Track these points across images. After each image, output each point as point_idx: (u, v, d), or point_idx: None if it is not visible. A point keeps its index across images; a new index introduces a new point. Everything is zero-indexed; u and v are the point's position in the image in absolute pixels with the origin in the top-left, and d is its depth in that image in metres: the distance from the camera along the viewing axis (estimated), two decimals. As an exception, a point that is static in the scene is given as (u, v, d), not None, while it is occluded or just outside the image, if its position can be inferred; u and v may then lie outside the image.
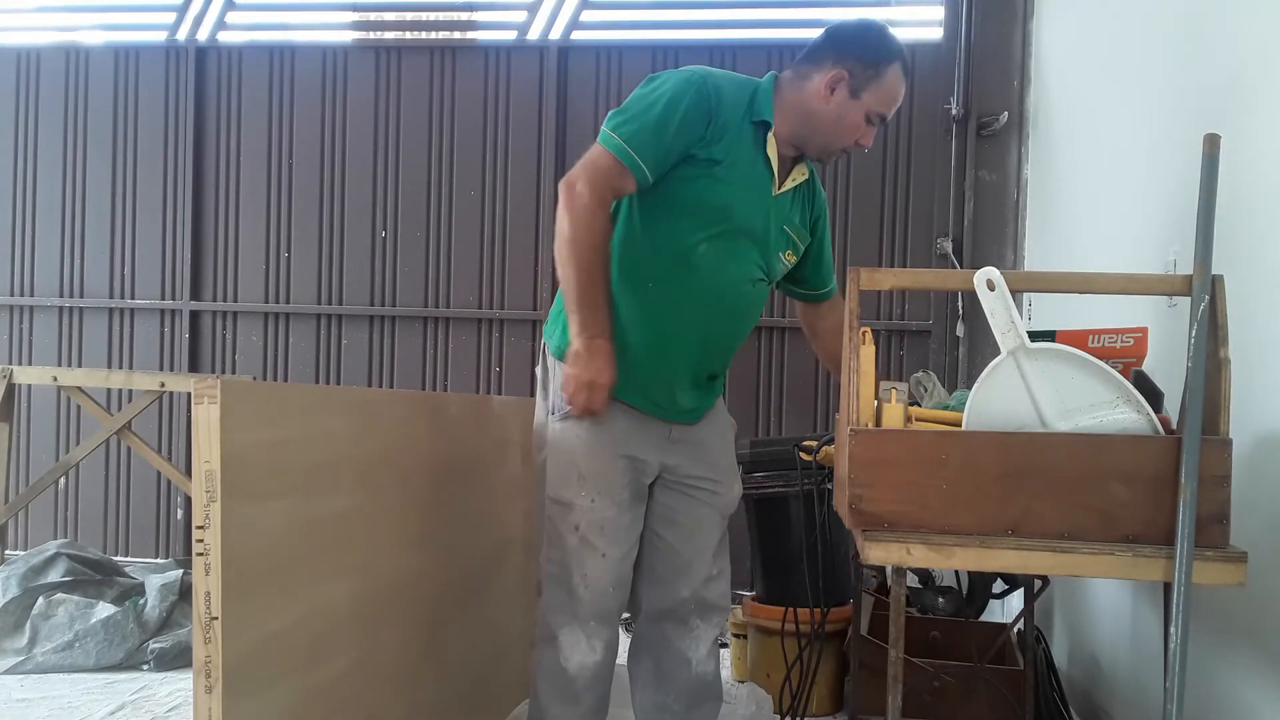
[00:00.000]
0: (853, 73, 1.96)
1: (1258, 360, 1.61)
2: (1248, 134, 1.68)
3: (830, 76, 1.97)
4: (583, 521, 1.98)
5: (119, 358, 4.59)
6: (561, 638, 2.02)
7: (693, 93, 1.93)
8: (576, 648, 2.01)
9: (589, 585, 1.99)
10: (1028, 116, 3.95)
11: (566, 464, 2.00)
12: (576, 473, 1.98)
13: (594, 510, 1.98)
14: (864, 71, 1.97)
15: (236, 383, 1.43)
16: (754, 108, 1.99)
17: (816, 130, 2.01)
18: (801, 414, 4.21)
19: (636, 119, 1.92)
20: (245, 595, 1.42)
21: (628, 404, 2.01)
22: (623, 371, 1.96)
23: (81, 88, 4.62)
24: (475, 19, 4.45)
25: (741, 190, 1.98)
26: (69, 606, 3.21)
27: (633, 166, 1.90)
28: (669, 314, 2.00)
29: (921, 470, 1.53)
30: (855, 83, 1.96)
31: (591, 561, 1.99)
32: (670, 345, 2.01)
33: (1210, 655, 1.75)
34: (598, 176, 1.90)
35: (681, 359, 2.04)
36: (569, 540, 2.00)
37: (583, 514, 1.98)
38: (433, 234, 4.43)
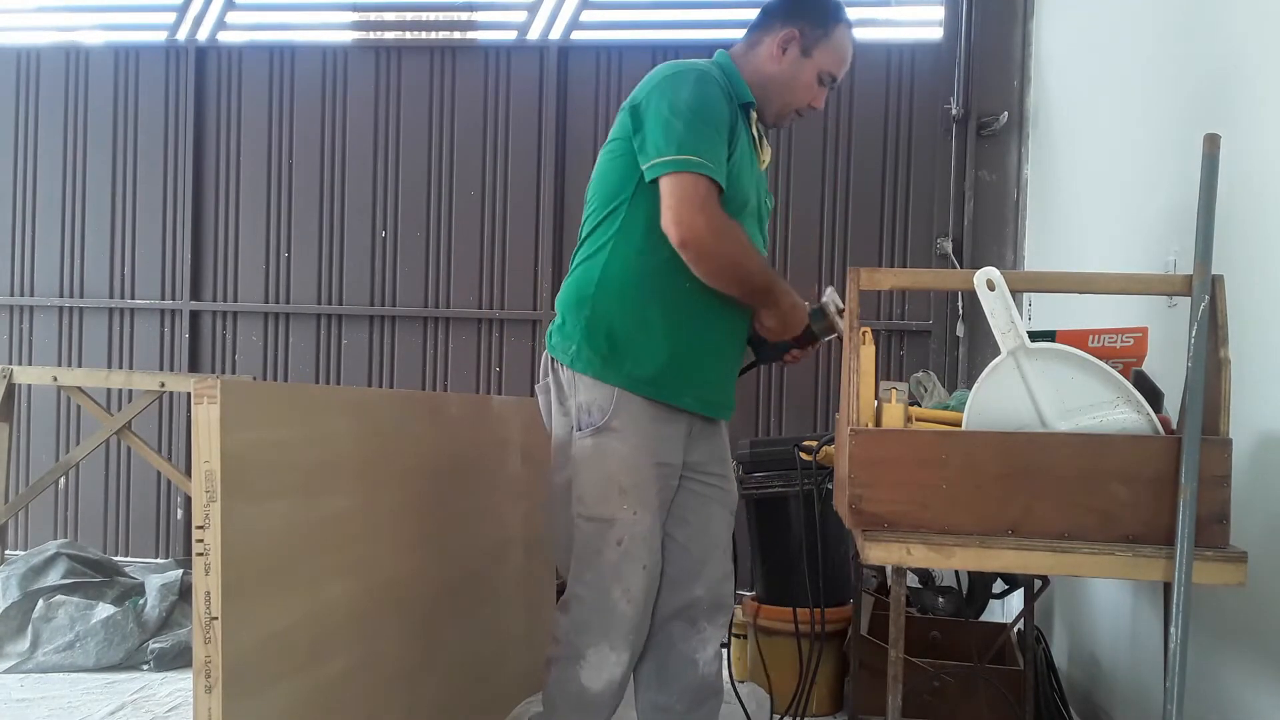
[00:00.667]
0: (804, 32, 2.00)
1: (1258, 360, 1.61)
2: (1248, 134, 1.68)
3: (781, 37, 2.00)
4: (626, 535, 1.94)
5: (119, 358, 4.59)
6: (589, 657, 1.96)
7: (716, 88, 1.92)
8: (604, 666, 1.96)
9: (631, 599, 1.95)
10: (1028, 116, 3.95)
11: (604, 479, 1.94)
12: (618, 487, 1.93)
13: (637, 523, 1.94)
14: (814, 31, 2.00)
15: (236, 383, 1.43)
16: (737, 91, 2.00)
17: (772, 93, 2.03)
18: (801, 414, 4.21)
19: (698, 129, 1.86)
20: (245, 595, 1.42)
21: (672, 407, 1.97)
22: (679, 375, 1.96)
23: (81, 88, 4.62)
24: (475, 19, 4.45)
25: (748, 173, 2.00)
26: (69, 608, 3.21)
27: (715, 174, 1.86)
28: (715, 309, 1.98)
29: (921, 470, 1.53)
30: (806, 41, 2.00)
31: (634, 575, 1.95)
32: (722, 339, 2.02)
33: (1210, 655, 1.75)
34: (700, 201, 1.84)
35: (732, 351, 2.06)
36: (609, 556, 1.94)
37: (626, 528, 1.94)
38: (433, 234, 4.43)
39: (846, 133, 4.17)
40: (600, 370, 1.94)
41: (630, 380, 1.93)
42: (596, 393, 1.94)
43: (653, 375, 1.94)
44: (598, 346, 1.94)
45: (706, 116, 1.87)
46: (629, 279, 1.94)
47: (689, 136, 1.84)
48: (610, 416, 1.92)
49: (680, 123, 1.85)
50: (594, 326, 1.95)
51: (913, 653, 2.29)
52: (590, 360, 1.94)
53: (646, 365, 1.94)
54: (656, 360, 1.94)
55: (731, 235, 1.89)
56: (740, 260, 1.91)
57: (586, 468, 1.95)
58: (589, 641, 1.96)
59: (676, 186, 1.84)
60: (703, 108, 1.87)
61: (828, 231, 4.18)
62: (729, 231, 1.88)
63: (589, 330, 1.95)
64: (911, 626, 2.55)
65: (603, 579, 1.95)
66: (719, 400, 2.08)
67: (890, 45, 4.16)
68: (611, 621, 1.95)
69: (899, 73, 4.15)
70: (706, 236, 1.84)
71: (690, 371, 1.98)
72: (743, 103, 1.99)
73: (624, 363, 1.93)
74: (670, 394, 1.96)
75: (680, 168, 1.83)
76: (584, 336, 1.95)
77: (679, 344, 1.96)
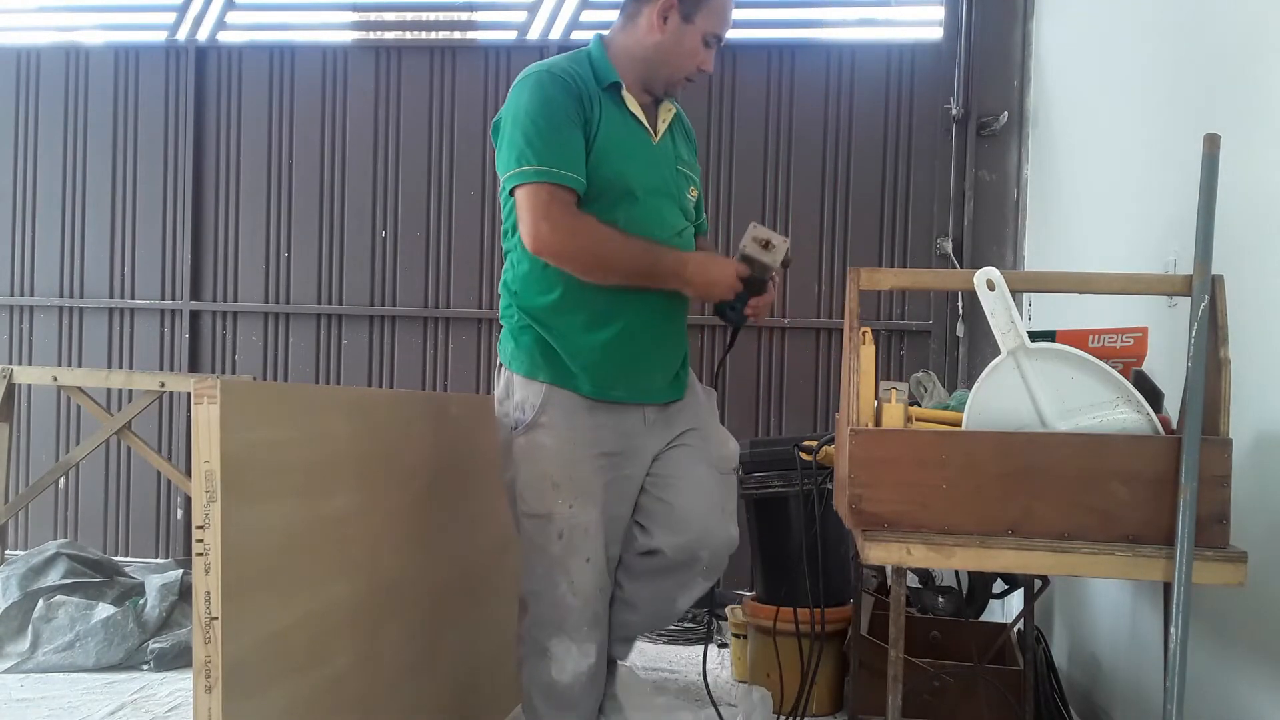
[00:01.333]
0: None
1: (1258, 360, 1.61)
2: (1248, 134, 1.68)
3: (660, 6, 1.99)
4: (565, 528, 1.98)
5: (119, 358, 4.59)
6: (553, 649, 2.01)
7: (554, 89, 1.92)
8: (569, 657, 2.01)
9: (577, 592, 1.99)
10: (1028, 116, 3.95)
11: (538, 475, 1.99)
12: (550, 482, 1.98)
13: (575, 515, 1.98)
14: None
15: (236, 383, 1.43)
16: (598, 75, 1.99)
17: (658, 64, 2.03)
18: (801, 414, 4.20)
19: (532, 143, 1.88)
20: (245, 595, 1.42)
21: (606, 401, 2.00)
22: (598, 370, 1.98)
23: (81, 88, 4.61)
24: (475, 19, 4.45)
25: (627, 154, 1.99)
26: (69, 608, 3.21)
27: (557, 177, 1.88)
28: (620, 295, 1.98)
29: (921, 470, 1.53)
30: (686, 8, 1.99)
31: (577, 568, 1.99)
32: (635, 323, 2.01)
33: (1210, 655, 1.75)
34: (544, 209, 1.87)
35: (648, 333, 2.04)
36: (552, 550, 1.98)
37: (564, 521, 1.98)
38: (433, 234, 4.43)
39: (846, 133, 4.17)
40: (529, 368, 1.99)
41: (557, 376, 1.98)
42: (528, 390, 1.99)
43: (579, 371, 1.98)
44: (525, 345, 2.01)
45: (547, 119, 1.89)
46: (540, 281, 2.00)
47: (527, 146, 1.88)
48: (539, 413, 1.97)
49: (519, 133, 1.90)
50: (520, 327, 2.02)
51: (913, 653, 2.29)
52: (520, 359, 2.01)
53: (572, 362, 1.98)
54: (580, 357, 1.98)
55: (583, 232, 1.90)
56: (599, 252, 1.92)
57: (523, 466, 2.00)
58: (548, 635, 2.01)
59: (523, 199, 1.90)
60: (539, 112, 1.89)
61: (828, 231, 4.18)
62: (579, 230, 1.90)
63: (517, 331, 2.02)
64: (911, 626, 2.55)
65: (550, 573, 1.99)
66: (658, 386, 2.08)
67: (890, 45, 4.16)
68: (564, 615, 2.00)
69: (899, 73, 4.15)
70: (553, 240, 1.88)
71: (618, 363, 2.00)
72: (607, 85, 1.99)
73: (551, 360, 1.98)
74: (600, 388, 1.99)
75: (522, 179, 1.89)
76: (514, 338, 2.03)
77: (600, 337, 1.99)
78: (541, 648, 2.02)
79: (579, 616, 2.00)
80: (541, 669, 2.03)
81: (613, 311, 1.99)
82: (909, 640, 1.91)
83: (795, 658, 2.61)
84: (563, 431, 1.98)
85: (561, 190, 1.89)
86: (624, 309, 2.00)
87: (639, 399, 2.05)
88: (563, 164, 1.89)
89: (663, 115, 2.09)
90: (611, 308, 1.99)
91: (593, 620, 2.02)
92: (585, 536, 1.99)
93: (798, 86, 4.17)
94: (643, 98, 2.06)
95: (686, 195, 2.12)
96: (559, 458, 1.98)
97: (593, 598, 2.01)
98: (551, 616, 2.01)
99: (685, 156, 2.14)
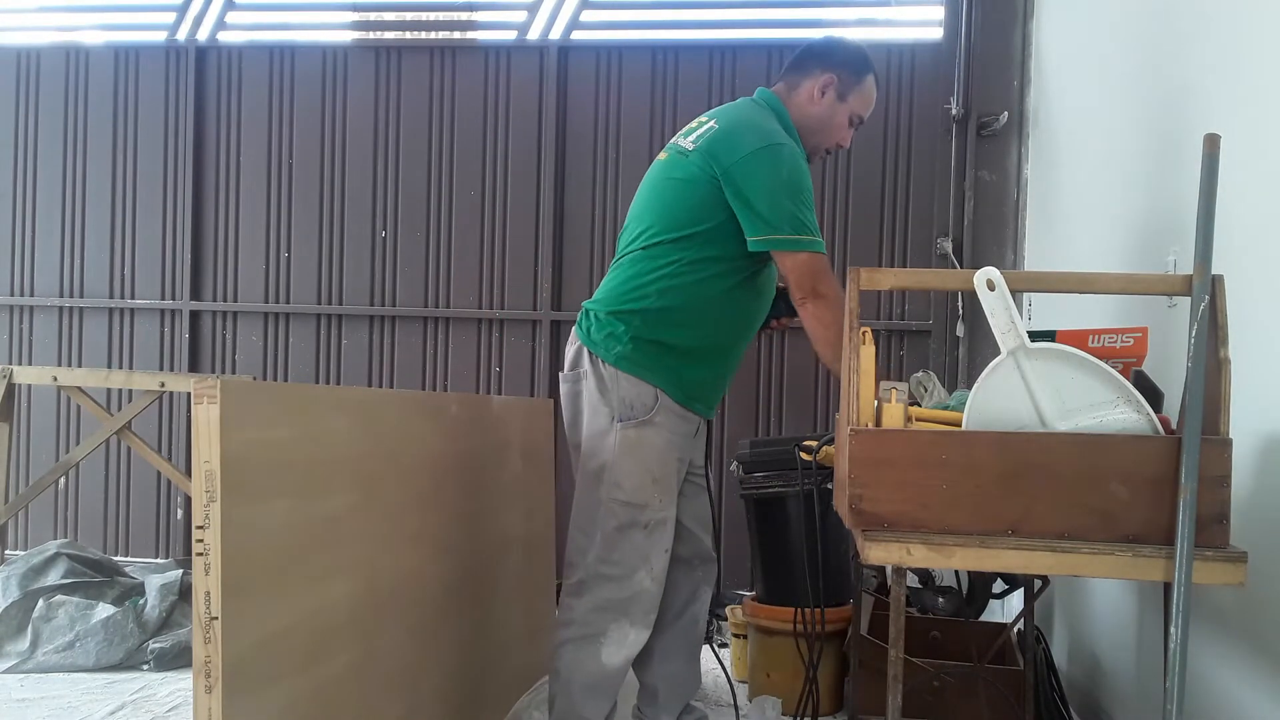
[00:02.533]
0: (841, 78, 2.23)
1: (1258, 360, 1.61)
2: (1248, 133, 1.68)
3: (821, 81, 2.23)
4: (653, 520, 2.16)
5: (119, 358, 4.59)
6: (610, 634, 2.14)
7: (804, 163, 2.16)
8: (624, 643, 2.16)
9: (655, 577, 2.18)
10: (1028, 116, 3.95)
11: (641, 469, 2.16)
12: (651, 476, 2.16)
13: (662, 509, 2.18)
14: (850, 77, 2.24)
15: (236, 383, 1.43)
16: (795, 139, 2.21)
17: (809, 133, 2.26)
18: (801, 414, 4.20)
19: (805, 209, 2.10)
20: (245, 595, 1.42)
21: (690, 411, 2.22)
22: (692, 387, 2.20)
23: (81, 88, 4.61)
24: (475, 19, 4.45)
25: None
26: (69, 608, 3.21)
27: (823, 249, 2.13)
28: (745, 336, 2.29)
29: (921, 470, 1.53)
30: (843, 87, 2.23)
31: (657, 556, 2.18)
32: (729, 355, 2.28)
33: (1210, 655, 1.75)
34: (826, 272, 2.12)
35: (734, 364, 2.32)
36: (636, 538, 2.15)
37: (654, 513, 2.17)
38: (433, 234, 4.43)
39: (846, 133, 4.17)
40: (645, 372, 2.15)
41: (671, 386, 2.16)
42: (640, 389, 2.15)
43: (692, 387, 2.20)
44: (646, 351, 2.16)
45: (806, 195, 2.11)
46: (690, 304, 2.16)
47: (800, 215, 2.08)
48: (653, 412, 2.15)
49: (788, 201, 2.08)
50: (645, 335, 2.16)
51: (913, 653, 2.29)
52: (636, 361, 2.15)
53: (690, 378, 2.19)
54: (699, 376, 2.20)
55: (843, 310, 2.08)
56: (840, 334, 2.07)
57: (625, 456, 2.15)
58: (610, 620, 2.15)
59: (802, 262, 2.10)
60: (804, 186, 2.11)
61: (828, 232, 4.18)
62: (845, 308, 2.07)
63: (640, 337, 2.15)
64: (911, 626, 2.55)
65: (630, 559, 2.15)
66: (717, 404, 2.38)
67: (890, 45, 4.16)
68: (636, 599, 2.16)
69: (899, 73, 4.15)
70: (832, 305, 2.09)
71: (717, 386, 2.29)
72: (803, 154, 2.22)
73: (670, 371, 2.16)
74: (699, 403, 2.23)
75: (800, 247, 2.09)
76: (632, 341, 2.15)
77: (717, 364, 2.24)
78: (597, 631, 2.15)
79: (650, 601, 2.18)
80: (589, 653, 2.14)
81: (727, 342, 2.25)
82: (909, 640, 1.91)
83: (795, 658, 2.61)
84: (666, 434, 2.17)
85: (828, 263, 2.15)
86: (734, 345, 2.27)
87: (707, 415, 2.32)
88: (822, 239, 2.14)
89: None
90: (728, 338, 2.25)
91: (656, 606, 2.21)
92: (665, 529, 2.19)
93: (798, 86, 4.16)
94: None
95: None
96: (661, 456, 2.17)
97: (663, 585, 2.21)
98: (620, 600, 2.15)
99: None
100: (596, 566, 2.16)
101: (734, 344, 2.28)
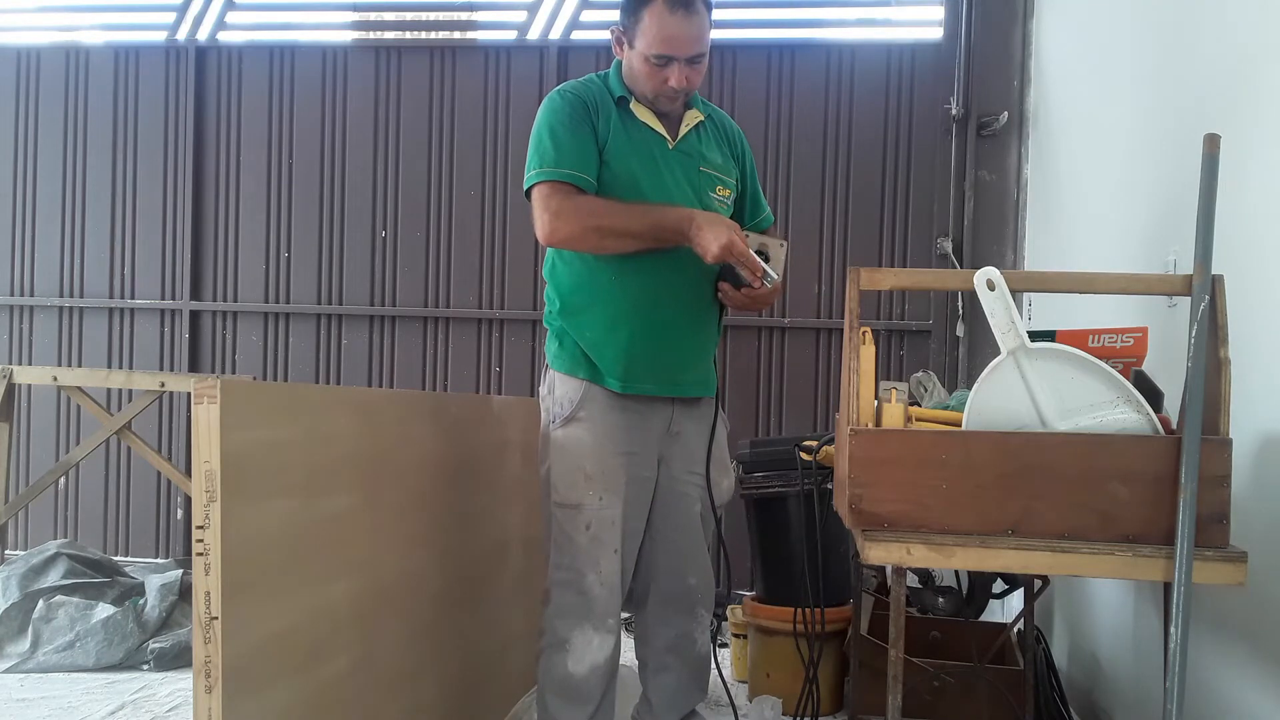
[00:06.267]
0: (624, 27, 2.15)
1: (1258, 360, 1.61)
2: (1248, 133, 1.68)
3: (614, 36, 2.19)
4: (594, 520, 2.08)
5: (119, 358, 4.59)
6: (574, 640, 2.09)
7: (562, 103, 2.12)
8: (588, 649, 2.09)
9: (604, 582, 2.09)
10: (1028, 116, 3.95)
11: (572, 467, 2.09)
12: (583, 474, 2.08)
13: (604, 508, 2.09)
14: (627, 21, 2.14)
15: (236, 383, 1.43)
16: (610, 90, 2.16)
17: (631, 82, 2.17)
18: (801, 414, 4.20)
19: (542, 151, 2.06)
20: (245, 595, 1.42)
21: (634, 396, 2.11)
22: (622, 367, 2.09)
23: (81, 88, 4.61)
24: (475, 19, 4.45)
25: (636, 157, 2.12)
26: (69, 608, 3.21)
27: (570, 178, 2.03)
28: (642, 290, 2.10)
29: (921, 470, 1.53)
30: (627, 36, 2.15)
31: (605, 558, 2.09)
32: (655, 315, 2.11)
33: (1210, 655, 1.75)
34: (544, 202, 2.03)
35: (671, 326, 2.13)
36: (579, 541, 2.08)
37: (593, 513, 2.08)
38: (433, 234, 4.43)
39: (846, 133, 4.17)
40: (570, 366, 2.12)
41: (595, 374, 2.10)
42: (568, 385, 2.11)
43: (613, 368, 2.10)
44: (568, 345, 2.13)
45: (550, 128, 2.07)
46: (576, 282, 2.14)
47: (536, 154, 2.06)
48: (577, 407, 2.09)
49: (532, 145, 2.10)
50: (567, 329, 2.14)
51: (913, 653, 2.29)
52: (564, 358, 2.13)
53: (608, 359, 2.10)
54: (615, 353, 2.09)
55: (582, 209, 2.03)
56: (600, 223, 2.03)
57: (558, 457, 2.11)
58: (570, 626, 2.09)
59: (534, 200, 2.06)
60: (551, 122, 2.08)
61: (828, 231, 4.18)
62: (579, 208, 2.03)
63: (564, 333, 2.14)
64: (911, 626, 2.55)
65: (577, 564, 2.09)
66: (690, 378, 2.18)
67: (890, 45, 4.16)
68: (589, 605, 2.09)
69: (899, 73, 4.15)
70: (556, 225, 2.01)
71: (650, 357, 2.11)
72: (616, 98, 2.15)
73: (588, 358, 2.11)
74: (633, 384, 2.10)
75: (532, 181, 2.06)
76: (557, 339, 2.16)
77: (633, 332, 2.10)
78: (561, 639, 2.10)
79: (605, 606, 2.09)
80: (557, 662, 2.10)
81: (633, 306, 2.09)
82: (909, 640, 1.91)
83: (795, 658, 2.61)
84: (598, 427, 2.09)
85: (564, 185, 2.03)
86: (644, 302, 2.09)
87: (669, 392, 2.15)
88: (566, 164, 2.04)
89: (687, 120, 2.20)
90: (631, 302, 2.09)
91: (613, 611, 2.12)
92: (611, 529, 2.09)
93: (798, 86, 4.17)
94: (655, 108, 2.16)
95: (710, 194, 2.19)
96: (593, 451, 2.08)
97: (617, 588, 2.12)
98: (576, 606, 2.09)
99: (713, 158, 2.22)
100: (553, 573, 2.13)
101: (651, 308, 2.09)
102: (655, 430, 2.16)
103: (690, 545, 2.24)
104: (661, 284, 2.10)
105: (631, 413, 2.11)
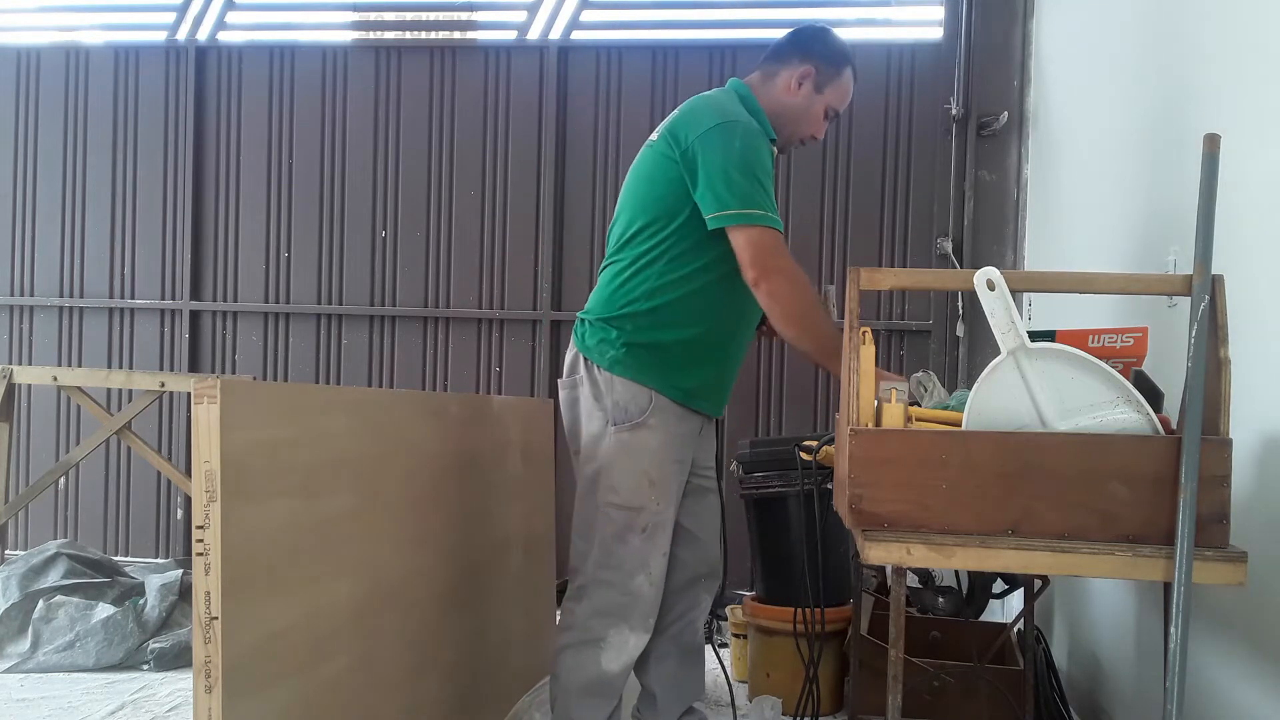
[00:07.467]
0: (819, 70, 2.20)
1: (1258, 360, 1.61)
2: (1248, 133, 1.68)
3: (799, 72, 2.21)
4: (650, 523, 2.13)
5: (119, 358, 4.59)
6: (610, 638, 2.12)
7: (763, 140, 2.09)
8: (624, 649, 2.13)
9: (653, 581, 2.15)
10: (1028, 116, 3.95)
11: (637, 471, 2.12)
12: (648, 479, 2.12)
13: (660, 512, 2.14)
14: (828, 70, 2.21)
15: (236, 383, 1.43)
16: (764, 128, 2.16)
17: (784, 123, 2.23)
18: (801, 414, 4.20)
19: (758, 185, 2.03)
20: (245, 595, 1.42)
21: (692, 410, 2.18)
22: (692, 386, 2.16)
23: (81, 88, 4.62)
24: (475, 19, 4.45)
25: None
26: (69, 608, 3.21)
27: (779, 224, 2.06)
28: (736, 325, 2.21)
29: (921, 470, 1.53)
30: (820, 79, 2.21)
31: (655, 560, 2.14)
32: (727, 349, 2.22)
33: (1210, 655, 1.75)
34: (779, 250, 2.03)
35: (739, 359, 2.28)
36: (633, 542, 2.12)
37: (651, 516, 2.13)
38: (433, 234, 4.43)
39: (846, 133, 4.17)
40: (638, 374, 2.12)
41: (666, 387, 2.13)
42: (634, 392, 2.12)
43: (690, 387, 2.16)
44: (640, 354, 2.12)
45: (765, 173, 2.05)
46: (678, 303, 2.12)
47: (751, 191, 2.01)
48: (647, 415, 2.12)
49: (740, 176, 2.01)
50: (638, 339, 2.13)
51: (913, 653, 2.29)
52: (630, 365, 2.12)
53: (685, 378, 2.15)
54: (695, 375, 2.16)
55: (803, 283, 2.06)
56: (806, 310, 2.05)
57: (622, 459, 2.13)
58: (610, 624, 2.12)
59: (757, 238, 2.02)
60: (758, 162, 2.05)
61: (828, 231, 4.18)
62: (803, 280, 2.05)
63: (633, 342, 2.12)
64: (911, 626, 2.55)
65: (628, 564, 2.12)
66: (724, 401, 2.32)
67: (890, 45, 4.16)
68: (634, 604, 2.13)
69: (899, 73, 4.15)
70: (782, 279, 2.02)
71: (719, 383, 2.23)
72: (770, 139, 2.17)
73: (663, 372, 2.12)
74: (699, 402, 2.19)
75: (750, 221, 2.01)
76: (625, 346, 2.13)
77: (716, 360, 2.19)
78: (596, 637, 2.12)
79: (649, 606, 2.15)
80: (589, 659, 2.12)
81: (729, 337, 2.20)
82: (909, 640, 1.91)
83: (795, 658, 2.61)
84: (662, 435, 2.13)
85: (782, 236, 2.06)
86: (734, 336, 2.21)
87: (717, 413, 2.29)
88: (776, 214, 2.07)
89: None
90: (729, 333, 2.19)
91: (655, 610, 2.18)
92: (663, 532, 2.15)
93: (798, 86, 4.16)
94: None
95: None
96: (657, 458, 2.13)
97: (661, 587, 2.18)
98: (619, 605, 2.13)
99: None
100: (595, 572, 2.14)
101: (730, 338, 2.21)
102: (694, 437, 2.24)
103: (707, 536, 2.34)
104: (747, 322, 2.23)
105: (688, 424, 2.19)
